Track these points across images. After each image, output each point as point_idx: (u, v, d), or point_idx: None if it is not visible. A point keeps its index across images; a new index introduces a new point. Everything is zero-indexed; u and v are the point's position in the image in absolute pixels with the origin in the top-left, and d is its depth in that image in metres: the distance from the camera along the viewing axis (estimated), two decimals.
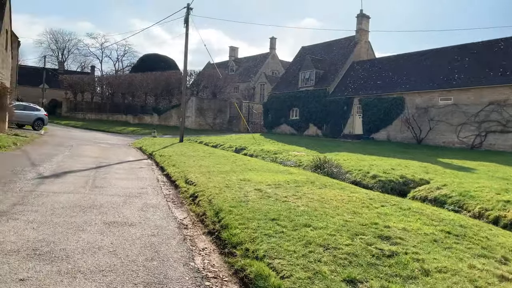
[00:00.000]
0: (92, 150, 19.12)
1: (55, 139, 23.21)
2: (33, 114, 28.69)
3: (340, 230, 5.47)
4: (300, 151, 22.33)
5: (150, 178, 11.66)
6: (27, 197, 7.40)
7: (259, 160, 18.47)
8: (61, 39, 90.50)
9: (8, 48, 23.32)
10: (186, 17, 24.62)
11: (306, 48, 41.13)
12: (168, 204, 8.08)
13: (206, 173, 11.36)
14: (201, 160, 15.06)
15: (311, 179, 10.90)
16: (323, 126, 33.33)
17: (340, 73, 33.95)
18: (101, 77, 58.62)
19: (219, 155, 17.21)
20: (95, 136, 30.82)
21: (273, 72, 57.01)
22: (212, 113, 44.11)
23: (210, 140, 28.61)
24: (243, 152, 23.05)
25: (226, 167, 13.04)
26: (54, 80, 66.77)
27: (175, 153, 17.50)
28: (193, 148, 20.69)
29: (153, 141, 26.17)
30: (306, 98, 34.80)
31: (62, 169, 11.62)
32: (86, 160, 14.55)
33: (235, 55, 64.54)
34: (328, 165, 14.81)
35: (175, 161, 14.47)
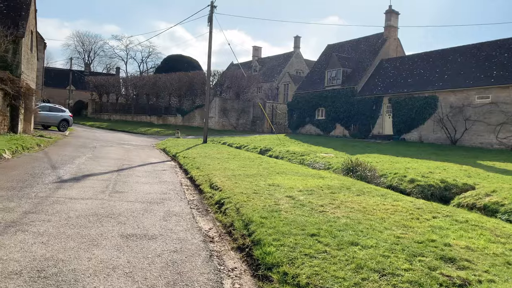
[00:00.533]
0: (115, 151, 18.76)
1: (79, 141, 23.06)
2: (58, 115, 28.77)
3: (394, 250, 4.63)
4: (328, 152, 21.41)
5: (173, 181, 11.05)
6: (42, 204, 6.86)
7: (286, 162, 17.67)
8: (88, 41, 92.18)
9: (34, 50, 23.33)
10: (210, 15, 24.08)
11: (332, 46, 40.02)
12: (192, 212, 7.40)
13: (232, 177, 10.65)
14: (225, 162, 14.39)
15: (346, 184, 10.03)
16: (351, 126, 32.18)
17: (368, 71, 32.73)
18: (126, 78, 59.01)
19: (244, 157, 16.51)
20: (119, 137, 30.70)
21: (297, 72, 56.01)
22: (236, 114, 43.54)
23: (234, 141, 28.00)
24: (268, 153, 22.32)
25: (252, 170, 12.31)
26: (81, 82, 67.90)
27: (199, 155, 16.91)
28: (217, 149, 20.08)
29: (176, 142, 25.75)
30: (332, 98, 33.74)
31: (83, 172, 11.14)
32: (108, 163, 14.10)
33: (259, 55, 63.85)
34: (361, 168, 13.86)
35: (199, 163, 13.85)
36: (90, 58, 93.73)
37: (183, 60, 62.24)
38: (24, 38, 19.26)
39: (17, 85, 18.04)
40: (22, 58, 19.16)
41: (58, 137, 23.38)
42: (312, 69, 39.90)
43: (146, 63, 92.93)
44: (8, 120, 18.49)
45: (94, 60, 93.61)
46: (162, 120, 47.92)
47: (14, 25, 19.34)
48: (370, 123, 30.71)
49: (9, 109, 18.36)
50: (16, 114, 18.95)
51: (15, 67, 18.83)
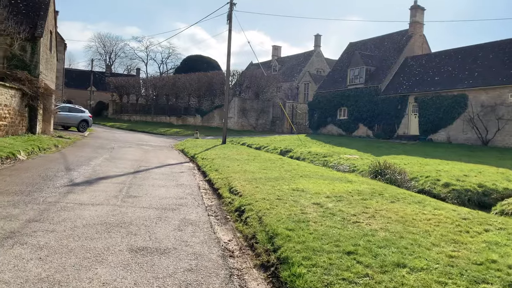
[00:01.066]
0: (133, 152, 18.37)
1: (97, 141, 22.82)
2: (78, 115, 28.72)
3: (451, 274, 3.86)
4: (351, 153, 20.53)
5: (190, 185, 10.45)
6: (48, 211, 6.33)
7: (308, 164, 16.90)
8: (109, 43, 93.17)
9: (53, 50, 23.23)
10: (229, 13, 23.50)
11: (354, 44, 38.93)
12: (210, 220, 6.76)
13: (252, 180, 9.98)
14: (245, 164, 13.73)
15: (377, 189, 9.22)
16: (374, 127, 31.09)
17: (393, 69, 31.56)
18: (146, 79, 59.19)
19: (265, 159, 15.82)
20: (139, 137, 30.47)
21: (318, 71, 54.98)
22: (255, 114, 42.91)
23: (253, 142, 27.36)
24: (289, 154, 21.58)
25: (273, 173, 11.61)
26: (101, 83, 68.45)
27: (218, 156, 16.31)
28: (236, 150, 19.46)
29: (195, 142, 25.28)
30: (355, 97, 32.70)
31: (97, 175, 10.67)
32: (125, 164, 13.64)
33: (278, 54, 63.07)
34: (390, 171, 12.99)
35: (218, 165, 13.24)
36: (111, 60, 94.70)
37: (203, 60, 62.05)
38: (42, 38, 19.08)
39: (35, 85, 17.85)
40: (40, 58, 18.98)
41: (77, 138, 23.22)
42: (334, 67, 38.91)
43: (166, 64, 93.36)
44: (27, 121, 18.32)
45: (115, 61, 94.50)
46: (182, 121, 47.72)
47: (32, 25, 19.19)
48: (394, 123, 29.57)
49: (27, 109, 18.18)
50: (35, 115, 18.78)
51: (34, 67, 18.65)
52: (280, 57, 61.97)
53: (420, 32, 33.18)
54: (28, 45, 18.58)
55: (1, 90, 14.88)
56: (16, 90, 16.53)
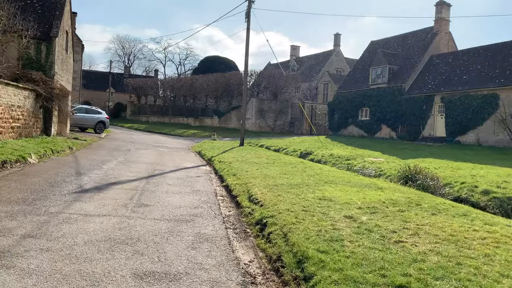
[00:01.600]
0: (149, 155, 17.81)
1: (114, 143, 22.40)
2: (94, 117, 28.45)
3: None
4: (376, 156, 19.52)
5: (207, 191, 9.72)
6: (48, 224, 5.67)
7: (331, 168, 16.01)
8: (127, 45, 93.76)
9: (69, 50, 22.93)
10: (248, 10, 22.79)
11: (376, 42, 37.71)
12: (228, 235, 5.99)
13: (273, 186, 9.19)
14: (265, 168, 12.95)
15: (413, 198, 8.30)
16: (398, 128, 29.89)
17: (417, 68, 30.29)
18: (163, 80, 59.08)
19: (285, 162, 15.00)
20: (156, 139, 30.04)
21: (338, 71, 53.79)
22: (273, 115, 42.09)
23: (272, 144, 26.57)
24: (309, 157, 20.72)
25: (296, 178, 10.79)
26: (120, 84, 68.75)
27: (236, 159, 15.57)
28: (255, 153, 18.70)
29: (212, 144, 24.64)
30: (377, 97, 31.53)
31: (108, 180, 10.05)
32: (140, 167, 13.03)
33: (297, 54, 62.07)
34: (422, 176, 12.00)
35: (236, 169, 12.49)
36: (130, 61, 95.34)
37: (220, 61, 61.59)
38: (57, 38, 18.72)
39: (50, 86, 17.47)
40: (55, 59, 18.63)
41: (93, 140, 22.85)
42: (355, 67, 37.79)
43: (183, 65, 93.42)
44: (41, 122, 17.97)
45: (133, 63, 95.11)
46: (199, 122, 47.29)
47: (48, 24, 18.86)
48: (419, 124, 28.32)
49: (42, 111, 17.82)
50: (49, 116, 18.42)
51: (49, 67, 18.30)
52: (299, 57, 60.98)
53: (446, 29, 31.81)
54: (43, 45, 18.24)
55: (14, 91, 14.49)
56: (30, 91, 16.15)
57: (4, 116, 13.66)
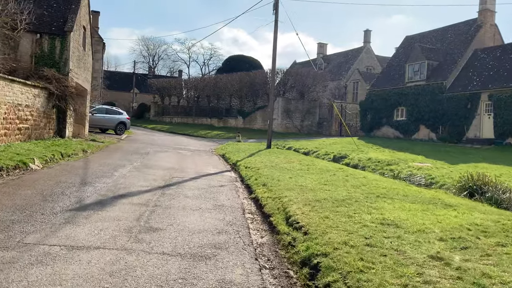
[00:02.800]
0: (169, 159, 16.28)
1: (133, 145, 21.04)
2: (115, 118, 27.28)
3: None
4: (420, 161, 17.38)
5: (232, 206, 7.99)
6: (11, 266, 4.04)
7: (374, 175, 14.03)
8: (152, 45, 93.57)
9: (87, 48, 21.76)
10: (276, 1, 21.02)
11: (411, 37, 35.21)
12: (263, 283, 4.22)
13: (315, 203, 7.37)
14: (299, 176, 11.12)
15: (503, 221, 6.30)
16: (438, 129, 27.43)
17: (459, 64, 27.75)
18: (187, 80, 57.91)
19: (321, 169, 13.12)
20: (178, 140, 28.65)
21: (368, 68, 51.28)
22: (300, 115, 40.12)
23: (301, 146, 24.69)
24: (344, 161, 18.75)
25: (339, 190, 8.92)
26: (144, 85, 68.17)
27: (264, 165, 13.79)
28: (284, 157, 16.88)
29: (237, 146, 22.96)
30: (415, 95, 29.13)
31: (116, 191, 8.46)
32: (156, 174, 11.46)
33: (324, 52, 59.84)
34: (492, 187, 9.90)
35: (266, 177, 10.73)
36: (154, 62, 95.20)
37: (244, 60, 59.96)
38: (72, 33, 17.46)
39: (63, 84, 16.18)
40: (70, 55, 17.37)
41: (111, 142, 21.59)
42: (389, 63, 35.42)
43: (208, 65, 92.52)
44: (54, 123, 16.72)
45: (158, 64, 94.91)
46: (223, 123, 45.81)
47: (63, 19, 17.64)
48: (463, 125, 25.82)
49: (55, 111, 16.57)
50: (63, 117, 17.17)
51: (63, 64, 17.05)
52: (326, 55, 58.74)
53: (491, 21, 29.12)
54: (57, 40, 17.01)
55: (21, 89, 13.19)
56: (41, 89, 14.88)
57: (10, 116, 12.36)
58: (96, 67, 31.26)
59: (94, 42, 31.46)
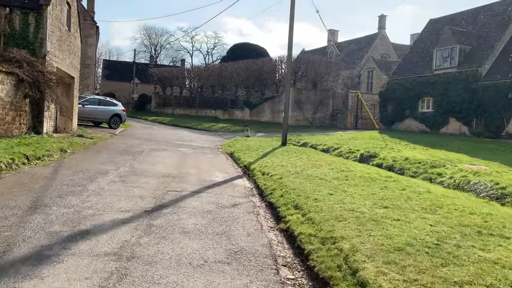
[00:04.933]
0: (166, 160, 13.35)
1: (126, 141, 18.12)
2: (109, 110, 24.33)
3: None
4: (468, 161, 14.36)
5: (256, 253, 5.03)
6: None
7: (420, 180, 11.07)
8: (154, 35, 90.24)
9: (73, 28, 18.74)
10: None
11: (436, 20, 31.89)
12: None
13: (397, 254, 4.44)
14: (340, 190, 8.15)
15: None
16: (472, 122, 24.31)
17: (496, 48, 24.55)
18: (190, 69, 54.63)
19: (362, 176, 10.12)
20: (180, 135, 25.70)
21: (383, 56, 47.98)
22: (312, 106, 37.02)
23: (317, 141, 21.70)
24: (374, 161, 15.75)
25: (412, 218, 5.98)
26: (145, 75, 65.10)
27: (286, 170, 10.82)
28: (307, 157, 13.87)
29: (246, 143, 19.98)
30: (444, 84, 25.96)
31: (78, 224, 5.54)
32: (146, 186, 8.54)
33: (335, 39, 56.38)
34: None
35: (295, 192, 7.79)
36: (156, 52, 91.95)
37: (250, 48, 56.53)
38: (50, 8, 14.45)
39: (37, 69, 13.20)
40: (48, 34, 14.38)
41: (102, 137, 18.69)
42: (411, 49, 32.16)
43: (211, 55, 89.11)
44: (28, 117, 13.78)
45: (160, 53, 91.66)
46: (228, 115, 42.78)
47: None
48: (503, 118, 22.69)
49: (28, 101, 13.61)
50: (40, 109, 14.23)
51: (38, 45, 14.07)
52: (338, 42, 55.35)
53: None
54: (31, 16, 14.01)
55: None
56: (5, 74, 11.91)
57: None
58: (89, 53, 28.25)
59: (87, 25, 28.43)
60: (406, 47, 54.09)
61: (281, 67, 39.05)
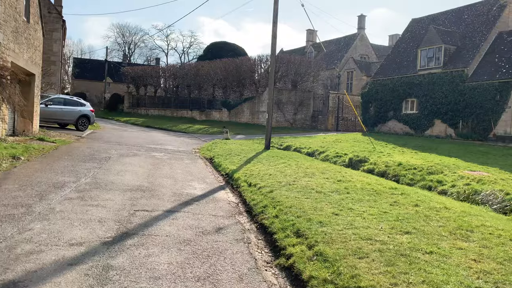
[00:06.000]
0: (137, 168, 11.74)
1: (93, 145, 16.34)
2: (75, 110, 22.34)
3: None
4: (466, 167, 13.37)
5: None
6: None
7: (438, 196, 9.89)
8: (128, 33, 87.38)
9: (33, 20, 16.80)
10: None
11: (418, 20, 31.26)
12: None
13: None
14: (344, 207, 6.84)
15: None
16: (458, 124, 23.61)
17: (482, 48, 23.95)
18: (165, 68, 52.50)
19: (363, 187, 8.85)
20: (154, 137, 23.97)
21: (362, 57, 47.38)
22: (292, 108, 35.84)
23: (301, 144, 20.52)
24: (365, 166, 14.65)
25: (447, 252, 4.71)
26: (118, 74, 62.48)
27: (276, 180, 9.42)
28: (296, 164, 12.54)
29: (227, 146, 18.52)
30: (429, 85, 25.22)
31: (4, 266, 3.98)
32: (109, 205, 6.98)
33: (313, 39, 55.58)
34: None
35: (291, 211, 6.42)
36: (130, 51, 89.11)
37: (228, 47, 54.95)
38: None
39: None
40: (0, 23, 12.52)
41: (67, 141, 16.83)
42: (394, 49, 31.40)
43: (187, 54, 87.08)
44: None
45: (134, 52, 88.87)
46: (205, 116, 41.13)
47: None
48: (490, 119, 22.05)
49: None
50: None
51: None
52: (316, 43, 54.49)
53: None
54: None
55: None
56: None
57: None
58: (55, 49, 26.12)
59: (53, 19, 26.31)
60: (385, 48, 53.82)
61: (261, 67, 37.73)
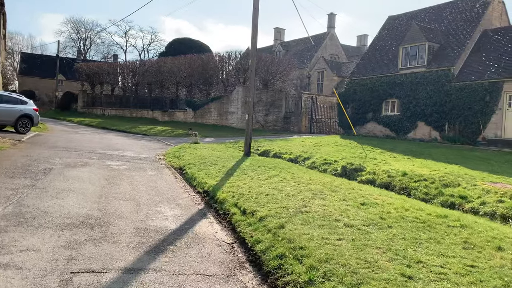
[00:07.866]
0: (86, 184, 8.86)
1: (33, 152, 13.15)
2: (15, 109, 18.79)
3: None
4: (478, 177, 11.50)
5: None
6: None
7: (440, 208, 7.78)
8: (83, 28, 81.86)
9: None
10: None
11: (395, 17, 29.86)
12: None
13: None
14: (407, 258, 4.50)
15: None
16: (444, 126, 22.16)
17: (468, 46, 22.68)
18: (123, 65, 48.55)
19: (404, 217, 6.58)
20: (110, 141, 20.79)
21: (332, 57, 45.90)
22: (264, 108, 33.51)
23: (280, 148, 18.12)
24: (362, 176, 12.48)
25: None
26: (72, 71, 57.50)
27: (281, 206, 6.97)
28: (292, 176, 10.09)
29: (197, 152, 15.80)
30: (412, 85, 23.67)
31: None
32: (33, 256, 4.25)
33: (281, 38, 53.67)
34: None
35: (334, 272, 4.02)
36: (85, 47, 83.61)
37: (193, 44, 51.71)
38: None
39: None
40: None
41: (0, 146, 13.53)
42: (371, 47, 29.78)
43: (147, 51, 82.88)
44: None
45: (90, 49, 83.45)
46: (168, 116, 37.96)
47: None
48: (479, 122, 20.70)
49: None
50: None
51: None
52: (284, 41, 52.58)
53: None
54: None
55: None
56: None
57: None
58: None
59: None
60: (353, 49, 52.83)
61: (229, 64, 35.15)
